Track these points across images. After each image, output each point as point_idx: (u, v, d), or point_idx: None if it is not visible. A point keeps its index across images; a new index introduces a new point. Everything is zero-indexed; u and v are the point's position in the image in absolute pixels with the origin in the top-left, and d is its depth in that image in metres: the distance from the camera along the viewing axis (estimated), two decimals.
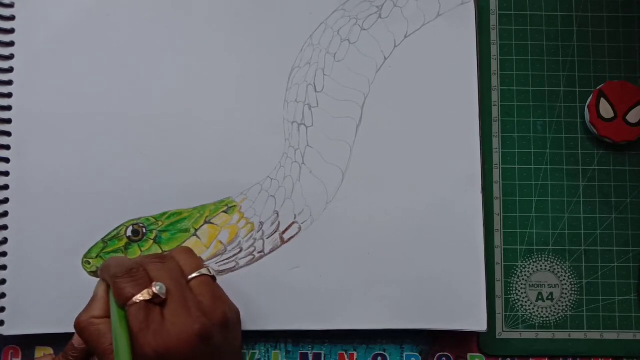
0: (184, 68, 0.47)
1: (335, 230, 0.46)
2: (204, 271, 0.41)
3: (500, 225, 0.48)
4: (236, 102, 0.47)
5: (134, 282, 0.39)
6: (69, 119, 0.46)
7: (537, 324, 0.47)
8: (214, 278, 0.42)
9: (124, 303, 0.38)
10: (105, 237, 0.45)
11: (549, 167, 0.48)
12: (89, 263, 0.45)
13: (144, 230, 0.45)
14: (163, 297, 0.38)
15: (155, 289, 0.38)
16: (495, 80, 0.49)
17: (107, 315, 0.39)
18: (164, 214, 0.46)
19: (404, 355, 0.47)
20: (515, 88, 0.49)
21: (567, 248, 0.48)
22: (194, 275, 0.41)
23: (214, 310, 0.40)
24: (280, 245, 0.46)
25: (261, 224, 0.46)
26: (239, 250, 0.46)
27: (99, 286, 0.41)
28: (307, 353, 0.47)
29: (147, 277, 0.39)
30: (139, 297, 0.38)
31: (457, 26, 0.47)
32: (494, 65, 0.49)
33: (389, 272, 0.45)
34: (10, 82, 0.46)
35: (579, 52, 0.49)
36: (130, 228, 0.45)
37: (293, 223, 0.46)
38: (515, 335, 0.47)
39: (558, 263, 0.48)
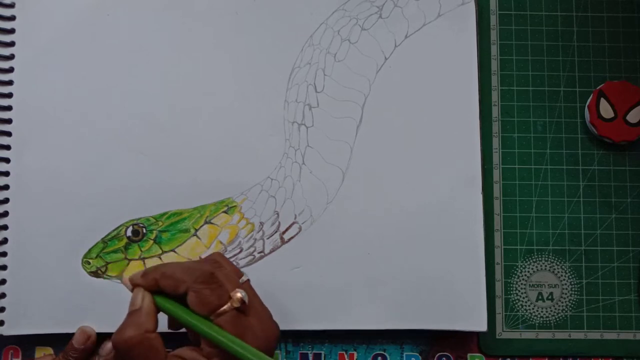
0: (184, 68, 0.47)
1: (336, 230, 0.46)
2: (245, 277, 0.40)
3: (500, 225, 0.48)
4: (236, 102, 0.47)
5: (218, 290, 0.37)
6: (69, 119, 0.46)
7: (537, 324, 0.47)
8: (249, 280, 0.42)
9: (211, 311, 0.37)
10: (105, 237, 0.45)
11: (549, 167, 0.48)
12: (89, 263, 0.45)
13: (144, 230, 0.45)
14: (247, 303, 0.37)
15: (242, 295, 0.37)
16: (495, 80, 0.49)
17: (156, 329, 0.37)
18: (164, 214, 0.46)
19: (404, 355, 0.47)
20: (515, 88, 0.49)
21: (567, 248, 0.48)
22: (242, 280, 0.40)
23: (269, 312, 0.40)
24: (281, 246, 0.46)
25: (261, 224, 0.46)
26: (239, 250, 0.46)
27: (141, 297, 0.38)
28: (307, 353, 0.47)
29: (225, 285, 0.37)
30: (229, 306, 0.37)
31: (458, 26, 0.47)
32: (494, 65, 0.49)
33: (389, 272, 0.45)
34: (10, 82, 0.46)
35: (579, 52, 0.49)
36: (130, 228, 0.45)
37: (293, 223, 0.46)
38: (515, 335, 0.47)
39: (558, 263, 0.48)
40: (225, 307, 0.36)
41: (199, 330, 0.37)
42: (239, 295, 0.37)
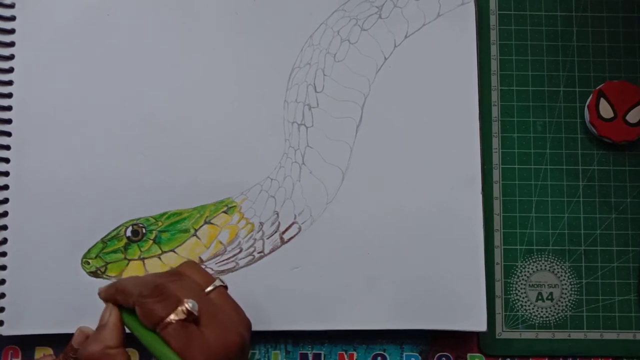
0: (184, 68, 0.47)
1: (335, 230, 0.46)
2: (217, 283, 0.40)
3: (500, 225, 0.48)
4: (236, 102, 0.47)
5: (164, 302, 0.37)
6: (69, 119, 0.46)
7: (537, 324, 0.47)
8: (226, 287, 0.41)
9: (155, 324, 0.36)
10: (104, 237, 0.45)
11: (548, 167, 0.48)
12: (89, 263, 0.45)
13: (144, 231, 0.45)
14: (196, 314, 0.37)
15: (188, 306, 0.36)
16: (495, 80, 0.49)
17: (121, 345, 0.38)
18: (164, 214, 0.46)
19: (404, 355, 0.47)
20: (515, 88, 0.49)
21: (567, 248, 0.48)
22: (210, 288, 0.40)
23: (241, 320, 0.40)
24: (280, 246, 0.46)
25: (261, 224, 0.46)
26: (238, 250, 0.46)
27: (108, 312, 0.39)
28: (307, 353, 0.47)
29: (174, 296, 0.37)
30: (174, 317, 0.36)
31: (457, 26, 0.47)
32: (494, 65, 0.49)
33: (389, 272, 0.45)
34: (10, 82, 0.46)
35: (579, 52, 0.49)
36: (130, 228, 0.45)
37: (293, 223, 0.46)
38: (515, 335, 0.47)
39: (558, 263, 0.48)
40: (168, 318, 0.36)
41: (145, 344, 0.36)
42: (185, 306, 0.36)
